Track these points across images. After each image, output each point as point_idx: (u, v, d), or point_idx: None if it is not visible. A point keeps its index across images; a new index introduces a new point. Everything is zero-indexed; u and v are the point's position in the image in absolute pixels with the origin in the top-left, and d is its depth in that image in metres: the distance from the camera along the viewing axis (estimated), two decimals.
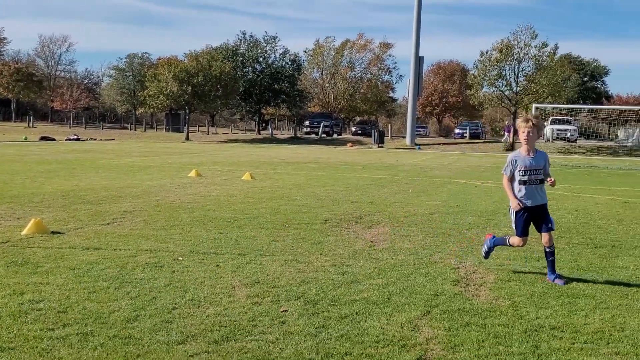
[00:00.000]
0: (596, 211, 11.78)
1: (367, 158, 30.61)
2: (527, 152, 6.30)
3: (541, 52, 46.70)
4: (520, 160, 6.30)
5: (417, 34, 48.44)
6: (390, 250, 7.52)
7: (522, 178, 6.26)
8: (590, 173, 23.98)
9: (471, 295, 5.61)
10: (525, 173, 6.24)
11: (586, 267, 6.89)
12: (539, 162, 6.30)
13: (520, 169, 6.26)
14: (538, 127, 6.25)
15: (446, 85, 79.71)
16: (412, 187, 15.53)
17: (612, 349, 4.33)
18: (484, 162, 30.31)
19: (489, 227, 9.47)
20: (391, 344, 4.29)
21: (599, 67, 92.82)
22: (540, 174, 6.28)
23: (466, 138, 56.83)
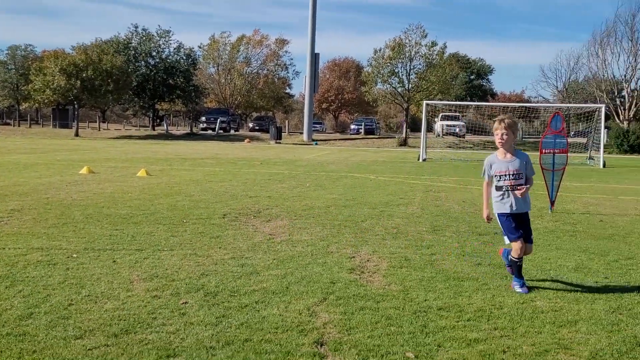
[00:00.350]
0: (481, 201, 12.48)
1: (265, 154, 30.73)
2: (503, 155, 5.78)
3: (431, 50, 48.62)
4: (496, 164, 5.80)
5: (313, 30, 49.04)
6: (288, 242, 7.69)
7: (498, 183, 5.77)
8: (477, 166, 25.28)
9: (365, 282, 5.87)
10: (501, 178, 5.73)
11: (471, 253, 7.36)
12: (517, 165, 5.73)
13: (497, 173, 5.76)
14: (513, 128, 5.75)
15: (342, 82, 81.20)
16: (309, 182, 15.81)
17: (492, 324, 4.71)
18: (378, 156, 31.22)
19: (383, 218, 9.86)
20: (290, 330, 4.46)
21: (484, 66, 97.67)
22: (520, 179, 5.71)
23: (361, 134, 58.16)
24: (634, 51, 49.98)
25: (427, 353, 4.09)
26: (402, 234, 8.55)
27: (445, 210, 11.11)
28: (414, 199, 12.62)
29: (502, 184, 5.74)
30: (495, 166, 5.78)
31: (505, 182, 5.72)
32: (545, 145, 11.34)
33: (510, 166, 5.71)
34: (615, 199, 13.62)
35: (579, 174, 21.23)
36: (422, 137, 30.55)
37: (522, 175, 5.71)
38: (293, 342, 4.22)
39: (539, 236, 8.58)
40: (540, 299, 5.46)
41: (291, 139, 50.48)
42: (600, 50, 52.18)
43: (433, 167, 24.02)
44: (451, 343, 4.28)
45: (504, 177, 5.72)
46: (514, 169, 5.70)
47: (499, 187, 5.77)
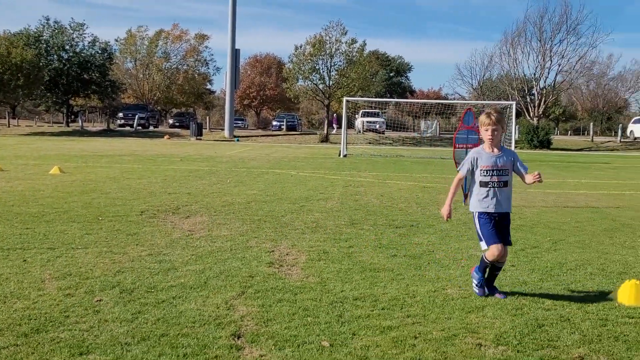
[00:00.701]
0: (399, 195, 12.84)
1: (185, 150, 30.29)
2: (490, 150, 5.34)
3: (351, 48, 49.14)
4: (483, 157, 5.33)
5: (233, 26, 48.63)
6: (207, 238, 7.66)
7: (484, 179, 5.31)
8: (396, 162, 25.87)
9: (284, 275, 5.94)
10: (487, 173, 5.28)
11: (387, 245, 7.57)
12: (505, 161, 5.32)
13: (483, 167, 5.30)
14: (502, 122, 5.36)
15: (263, 78, 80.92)
16: (230, 178, 15.73)
17: (405, 312, 4.89)
18: (300, 153, 31.37)
19: (303, 213, 9.96)
20: (207, 323, 4.47)
21: (403, 63, 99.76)
22: (506, 176, 5.31)
23: (283, 130, 58.24)
24: (542, 51, 52.29)
25: (342, 341, 4.20)
26: (321, 227, 8.68)
27: (364, 204, 11.33)
28: (334, 194, 12.80)
29: (487, 179, 5.28)
30: (483, 160, 5.31)
31: (492, 178, 5.27)
32: (459, 141, 11.76)
33: (499, 161, 5.29)
34: (524, 192, 14.25)
35: None
36: (343, 134, 30.92)
37: (508, 172, 5.31)
38: (210, 335, 4.24)
39: (452, 228, 8.92)
40: (451, 287, 5.69)
41: (212, 136, 49.93)
42: (512, 50, 54.32)
43: (353, 162, 24.38)
44: (365, 331, 4.41)
45: (491, 172, 5.27)
46: (502, 164, 5.29)
47: (484, 183, 5.30)
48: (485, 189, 5.30)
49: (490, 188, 5.29)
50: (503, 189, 5.30)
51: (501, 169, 5.28)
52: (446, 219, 5.56)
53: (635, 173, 21.91)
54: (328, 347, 4.10)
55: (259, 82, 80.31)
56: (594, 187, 15.90)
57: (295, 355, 3.95)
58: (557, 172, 21.76)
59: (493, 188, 5.28)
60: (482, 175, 5.31)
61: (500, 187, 5.29)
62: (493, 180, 5.28)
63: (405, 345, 4.17)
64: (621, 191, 14.97)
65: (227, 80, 49.38)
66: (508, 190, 5.35)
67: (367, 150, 34.87)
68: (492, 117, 5.27)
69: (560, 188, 15.55)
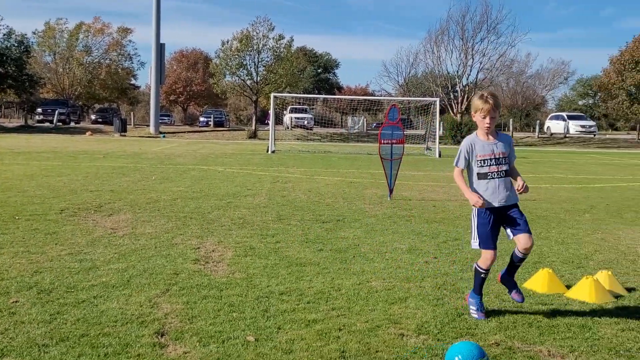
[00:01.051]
0: (326, 191, 12.95)
1: (109, 147, 29.48)
2: (485, 137, 4.77)
3: (278, 43, 49.12)
4: (478, 145, 4.76)
5: (158, 20, 47.66)
6: (131, 236, 7.50)
7: (482, 170, 4.74)
8: (324, 158, 26.05)
9: (210, 271, 5.90)
10: (484, 163, 4.72)
11: (314, 239, 7.62)
12: (502, 148, 4.75)
13: (479, 157, 4.74)
14: (500, 107, 4.83)
15: (190, 74, 79.61)
16: (155, 175, 15.44)
17: (330, 305, 4.95)
18: (227, 149, 31.10)
19: (230, 209, 9.90)
20: (130, 322, 4.39)
21: (330, 60, 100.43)
22: (505, 164, 4.73)
23: (211, 126, 57.58)
24: (464, 49, 53.83)
25: (268, 336, 4.22)
26: (248, 223, 8.65)
27: (292, 200, 11.37)
28: (261, 190, 12.77)
29: (485, 170, 4.72)
30: (479, 148, 4.74)
31: (491, 168, 4.71)
32: (384, 136, 11.97)
33: (496, 149, 4.73)
34: (447, 186, 14.66)
35: (417, 164, 22.59)
36: (271, 129, 30.87)
37: (507, 160, 4.75)
38: (133, 334, 4.16)
39: (377, 222, 9.07)
40: (375, 279, 5.80)
41: (137, 132, 48.79)
42: (436, 48, 55.67)
43: (281, 158, 24.39)
44: (291, 325, 4.45)
45: (489, 161, 4.71)
46: (500, 152, 4.73)
47: (482, 175, 4.74)
48: (485, 182, 4.72)
49: (490, 180, 4.71)
50: (504, 179, 4.72)
51: (500, 157, 4.72)
52: (481, 203, 4.69)
53: (551, 167, 22.90)
54: (253, 341, 4.10)
55: (185, 77, 78.97)
56: None
57: (220, 350, 3.94)
58: None
59: (493, 179, 4.71)
60: (479, 165, 4.74)
61: (501, 177, 4.71)
62: (492, 170, 4.71)
63: (330, 337, 4.23)
64: (538, 185, 15.61)
65: (152, 75, 48.36)
66: (509, 180, 4.78)
67: (295, 146, 34.94)
68: (490, 101, 4.67)
69: None
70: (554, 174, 19.70)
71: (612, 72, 47.94)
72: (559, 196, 13.07)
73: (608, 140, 51.23)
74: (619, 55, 47.51)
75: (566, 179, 17.75)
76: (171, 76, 76.36)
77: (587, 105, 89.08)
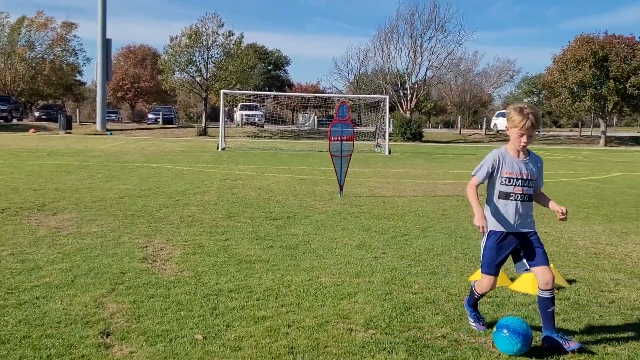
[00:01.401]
0: (277, 188, 12.92)
1: (53, 144, 28.72)
2: (516, 153, 4.30)
3: (228, 40, 48.69)
4: (507, 161, 4.28)
5: (103, 15, 46.65)
6: (76, 235, 7.33)
7: (505, 189, 4.26)
8: (274, 155, 25.99)
9: (157, 270, 5.82)
10: (510, 182, 4.25)
11: (264, 237, 7.60)
12: (532, 169, 4.29)
13: (505, 174, 4.27)
14: (539, 124, 4.34)
15: (138, 70, 78.17)
16: (102, 173, 15.13)
17: (280, 302, 4.95)
18: (176, 146, 30.71)
19: (178, 207, 9.77)
20: (74, 323, 4.29)
21: (281, 57, 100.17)
22: (531, 187, 4.29)
23: (160, 123, 56.72)
24: (413, 47, 54.44)
25: (216, 333, 4.19)
26: (197, 221, 8.56)
27: (242, 197, 11.31)
28: (211, 188, 12.66)
29: (509, 190, 4.25)
30: (507, 164, 4.27)
31: (515, 188, 4.25)
32: (334, 133, 12.02)
33: (524, 169, 4.26)
34: (396, 182, 14.84)
35: (368, 160, 22.76)
36: (221, 127, 30.61)
37: (534, 184, 4.31)
38: (77, 335, 4.07)
39: (327, 218, 9.11)
40: (325, 275, 5.83)
41: (83, 129, 47.69)
42: (385, 46, 56.16)
43: (232, 156, 24.22)
44: (240, 322, 4.42)
45: (514, 180, 4.24)
46: (528, 173, 4.26)
47: (504, 194, 4.26)
48: (504, 202, 4.27)
49: (511, 201, 4.26)
50: (526, 204, 4.28)
51: (527, 179, 4.26)
52: (483, 226, 4.24)
53: None
54: (201, 339, 4.07)
55: (133, 73, 77.50)
56: (460, 177, 16.81)
57: (167, 349, 3.89)
58: (427, 163, 22.80)
59: (515, 201, 4.25)
60: (504, 183, 4.26)
61: (524, 200, 4.27)
62: (517, 191, 4.25)
63: (279, 334, 4.22)
64: None
65: (98, 72, 47.33)
66: (531, 205, 4.34)
67: (246, 144, 34.75)
68: (530, 118, 4.14)
69: (430, 178, 16.31)
70: None
71: (556, 70, 49.24)
72: None
73: (552, 137, 52.72)
74: (561, 55, 48.84)
75: None
76: (118, 72, 74.88)
77: (532, 102, 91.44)
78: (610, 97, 46.77)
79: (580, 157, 30.02)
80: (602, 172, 19.99)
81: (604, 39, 47.86)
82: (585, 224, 9.24)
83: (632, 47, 46.90)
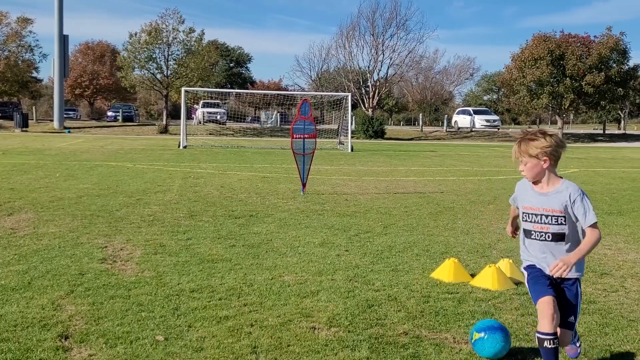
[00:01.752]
0: (239, 186, 12.85)
1: (8, 143, 28.04)
2: (539, 184, 3.60)
3: (189, 37, 48.22)
4: (528, 193, 3.64)
5: (60, 10, 45.71)
6: (33, 236, 7.17)
7: (526, 225, 3.65)
8: (237, 152, 25.84)
9: (117, 271, 5.73)
10: (529, 218, 3.61)
11: (226, 235, 7.55)
12: (554, 202, 3.51)
13: (524, 209, 3.66)
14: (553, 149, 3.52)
15: (96, 67, 76.77)
16: (59, 172, 14.83)
17: (242, 301, 4.92)
18: (137, 144, 30.28)
19: (139, 206, 9.64)
20: (31, 326, 4.19)
21: (243, 54, 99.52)
22: (557, 224, 3.51)
23: (119, 121, 55.86)
24: (375, 45, 54.75)
25: (178, 334, 4.15)
26: (158, 221, 8.46)
27: (204, 195, 11.21)
28: (172, 186, 12.52)
29: (529, 227, 3.62)
30: (523, 197, 3.68)
31: (534, 225, 3.59)
32: (296, 131, 12.00)
33: (546, 203, 3.54)
34: (359, 180, 14.90)
35: (330, 158, 22.81)
36: (182, 124, 30.30)
37: (563, 220, 3.50)
38: (34, 338, 3.98)
39: (290, 217, 9.10)
40: (288, 274, 5.82)
41: (40, 127, 46.67)
42: (347, 43, 56.34)
43: (193, 153, 24.00)
44: (202, 322, 4.39)
45: (533, 217, 3.59)
46: (548, 208, 3.53)
47: (527, 232, 3.65)
48: (528, 241, 3.66)
49: (532, 240, 3.62)
50: (555, 245, 3.55)
51: (548, 215, 3.53)
52: (511, 234, 4.01)
53: (457, 160, 23.72)
54: (163, 341, 4.02)
55: (91, 70, 76.04)
56: (421, 174, 16.98)
57: (128, 351, 3.83)
58: (389, 160, 22.96)
59: (536, 241, 3.60)
60: (524, 219, 3.66)
61: (548, 240, 3.55)
62: (536, 229, 3.59)
63: (242, 333, 4.20)
64: (445, 177, 16.13)
65: (55, 68, 46.38)
66: (562, 247, 3.54)
67: (208, 141, 34.47)
68: (516, 146, 3.61)
69: (392, 175, 16.42)
70: (460, 166, 20.41)
71: (514, 68, 50.07)
72: (465, 188, 13.55)
73: (511, 134, 53.61)
74: (519, 53, 49.69)
75: (472, 171, 18.43)
76: (76, 69, 73.42)
77: (491, 100, 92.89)
78: (567, 94, 47.77)
79: None
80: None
81: (561, 37, 48.87)
82: None
83: (587, 46, 48.00)
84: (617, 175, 17.74)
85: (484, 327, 3.97)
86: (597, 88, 47.00)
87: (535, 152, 3.50)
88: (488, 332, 3.91)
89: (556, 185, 3.54)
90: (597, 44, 47.88)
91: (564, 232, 3.52)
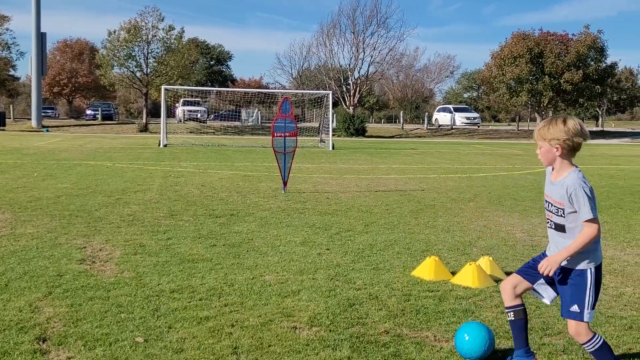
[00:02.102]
0: (220, 185, 12.79)
1: None
2: (554, 172, 3.63)
3: (169, 35, 47.90)
4: (547, 181, 3.72)
5: (38, 7, 45.15)
6: (10, 237, 7.08)
7: (545, 213, 3.75)
8: (217, 151, 25.72)
9: (96, 272, 5.67)
10: (545, 204, 3.70)
11: (207, 235, 7.51)
12: (558, 194, 3.53)
13: (545, 197, 3.71)
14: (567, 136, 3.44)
15: (75, 65, 76.04)
16: (37, 171, 14.65)
17: (223, 301, 4.89)
18: (117, 143, 30.02)
19: (119, 206, 9.56)
20: (8, 329, 4.14)
21: (223, 52, 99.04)
22: (559, 216, 3.56)
23: (99, 119, 55.37)
24: (356, 43, 54.85)
25: (158, 336, 4.11)
26: (138, 220, 8.39)
27: (184, 195, 11.15)
28: (153, 185, 12.43)
29: (546, 214, 3.72)
30: (546, 185, 3.73)
31: (547, 213, 3.70)
32: (277, 129, 11.97)
33: (552, 191, 3.61)
34: (340, 178, 14.91)
35: (311, 156, 22.78)
36: (162, 123, 30.08)
37: (564, 212, 3.51)
38: (11, 341, 3.93)
39: (271, 215, 9.07)
40: (269, 273, 5.80)
41: (18, 126, 46.09)
42: (328, 41, 56.38)
43: (174, 152, 23.85)
44: (182, 323, 4.36)
45: (546, 204, 3.67)
46: (552, 197, 3.60)
47: (546, 218, 3.74)
48: (548, 227, 3.72)
49: (548, 228, 3.70)
50: (558, 235, 3.61)
51: (552, 204, 3.60)
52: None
53: (438, 158, 23.83)
54: (142, 342, 3.98)
55: (70, 68, 75.30)
56: (402, 172, 17.04)
57: (107, 354, 3.79)
58: (370, 158, 23.00)
59: (548, 228, 3.70)
60: (544, 206, 3.74)
61: (551, 228, 3.66)
62: (547, 217, 3.69)
63: (222, 334, 4.18)
64: (426, 175, 16.20)
65: (32, 66, 45.80)
66: (563, 238, 3.55)
67: (188, 140, 34.28)
68: (536, 128, 3.63)
69: (373, 173, 16.45)
70: (441, 164, 20.51)
71: (494, 66, 50.47)
72: (445, 185, 13.62)
73: (491, 131, 53.99)
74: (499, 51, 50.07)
75: (452, 169, 18.53)
76: (54, 67, 72.67)
77: (471, 97, 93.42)
78: (546, 92, 48.24)
79: (518, 150, 30.86)
80: (539, 165, 20.61)
81: (539, 35, 49.33)
82: (523, 216, 9.50)
83: (565, 44, 48.50)
84: (595, 172, 17.94)
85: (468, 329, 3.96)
86: (576, 85, 47.54)
87: (549, 137, 3.50)
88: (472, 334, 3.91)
89: (563, 175, 3.53)
90: (575, 42, 48.42)
91: (563, 224, 3.54)
